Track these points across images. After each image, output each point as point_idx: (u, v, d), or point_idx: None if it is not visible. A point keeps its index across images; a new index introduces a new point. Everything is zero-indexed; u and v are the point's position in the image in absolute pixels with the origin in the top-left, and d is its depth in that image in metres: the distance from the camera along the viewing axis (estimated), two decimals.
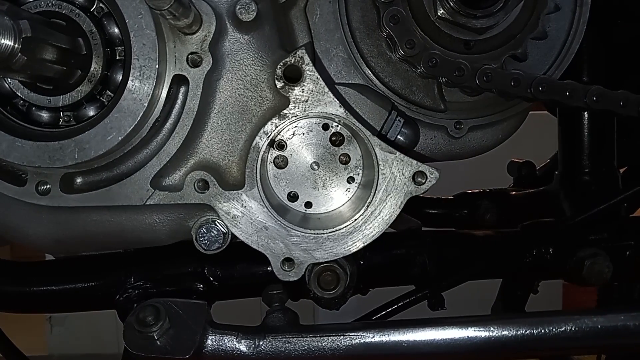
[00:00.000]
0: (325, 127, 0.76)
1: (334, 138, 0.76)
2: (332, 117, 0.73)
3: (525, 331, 0.75)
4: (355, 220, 0.74)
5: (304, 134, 0.76)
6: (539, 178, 1.44)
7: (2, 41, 0.57)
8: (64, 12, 0.70)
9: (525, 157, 1.50)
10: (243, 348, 0.74)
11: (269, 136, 0.73)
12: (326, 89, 0.72)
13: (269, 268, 0.76)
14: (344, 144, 0.76)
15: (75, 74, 0.71)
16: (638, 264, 1.03)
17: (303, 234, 0.74)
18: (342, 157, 0.77)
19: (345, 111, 0.73)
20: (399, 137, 0.82)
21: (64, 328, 4.26)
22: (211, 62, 0.71)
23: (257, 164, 0.73)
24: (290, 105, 0.72)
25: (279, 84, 0.72)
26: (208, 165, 0.76)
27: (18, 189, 0.72)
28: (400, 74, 0.92)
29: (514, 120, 0.99)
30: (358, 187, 0.77)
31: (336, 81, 0.91)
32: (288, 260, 0.75)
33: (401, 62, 0.91)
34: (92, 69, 0.72)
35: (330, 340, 0.75)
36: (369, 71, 0.91)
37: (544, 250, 1.01)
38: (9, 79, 0.72)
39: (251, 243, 0.75)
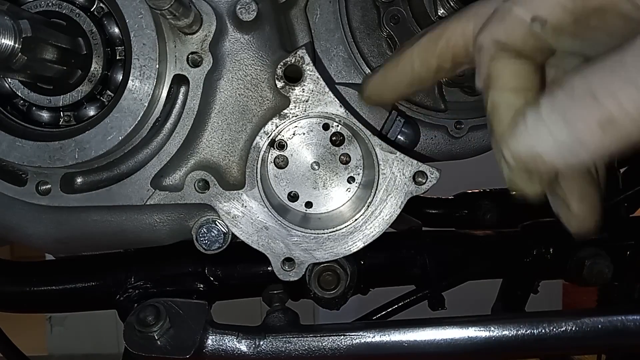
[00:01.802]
0: (326, 127, 0.76)
1: (334, 138, 0.76)
2: (333, 117, 0.73)
3: (525, 331, 0.75)
4: (356, 220, 0.74)
5: (304, 133, 0.76)
6: None
7: (2, 41, 0.57)
8: (64, 11, 0.70)
9: None
10: (243, 348, 0.74)
11: (270, 136, 0.73)
12: (326, 89, 0.72)
13: (269, 268, 0.76)
14: (345, 143, 0.76)
15: (76, 73, 0.71)
16: (638, 264, 1.03)
17: (303, 233, 0.74)
18: (342, 157, 0.77)
19: (345, 111, 0.73)
20: (399, 137, 0.82)
21: (64, 328, 4.27)
22: (211, 61, 0.70)
23: (257, 163, 0.73)
24: (290, 105, 0.72)
25: (279, 84, 0.72)
26: (208, 165, 0.76)
27: (18, 189, 0.72)
28: None
29: None
30: (358, 187, 0.77)
31: (336, 81, 0.91)
32: (288, 260, 0.75)
33: None
34: (92, 68, 0.71)
35: (330, 340, 0.75)
36: (370, 71, 0.91)
37: (544, 250, 1.01)
38: (9, 79, 0.72)
39: (251, 243, 0.75)
